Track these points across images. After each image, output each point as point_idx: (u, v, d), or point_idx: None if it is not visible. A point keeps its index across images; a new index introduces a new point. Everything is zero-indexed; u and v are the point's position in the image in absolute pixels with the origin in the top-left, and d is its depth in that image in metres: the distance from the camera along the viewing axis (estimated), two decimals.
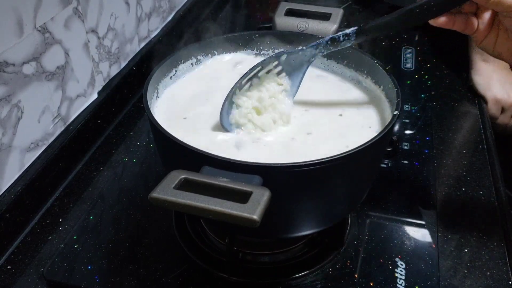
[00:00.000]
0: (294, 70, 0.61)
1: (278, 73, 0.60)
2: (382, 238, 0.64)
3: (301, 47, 0.60)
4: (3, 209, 0.62)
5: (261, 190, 0.41)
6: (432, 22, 0.54)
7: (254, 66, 0.59)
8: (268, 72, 0.60)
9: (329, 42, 0.58)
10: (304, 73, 0.61)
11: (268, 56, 0.61)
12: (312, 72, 0.69)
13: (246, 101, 0.59)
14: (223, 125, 0.57)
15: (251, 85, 0.60)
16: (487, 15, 0.54)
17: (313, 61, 0.60)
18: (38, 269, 0.61)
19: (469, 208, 0.69)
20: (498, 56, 0.57)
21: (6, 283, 0.60)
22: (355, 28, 0.57)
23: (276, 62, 0.60)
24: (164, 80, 0.63)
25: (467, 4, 0.53)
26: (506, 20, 0.53)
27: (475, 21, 0.55)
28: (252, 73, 0.59)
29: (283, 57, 0.60)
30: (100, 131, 0.82)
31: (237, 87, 0.59)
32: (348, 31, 0.57)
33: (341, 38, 0.57)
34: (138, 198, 0.70)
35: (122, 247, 0.63)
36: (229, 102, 0.58)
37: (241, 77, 0.59)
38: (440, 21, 0.54)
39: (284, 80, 0.61)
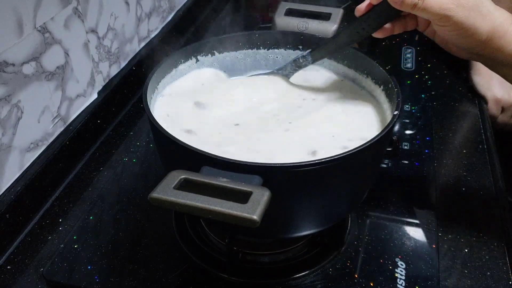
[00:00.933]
0: None
1: None
2: (382, 238, 0.64)
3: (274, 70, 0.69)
4: (3, 209, 0.62)
5: (261, 190, 0.41)
6: (376, 35, 0.58)
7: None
8: None
9: (293, 64, 0.67)
10: None
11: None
12: (312, 72, 0.69)
13: None
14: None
15: None
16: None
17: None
18: (38, 269, 0.61)
19: (469, 208, 0.69)
20: (440, 44, 0.60)
21: (6, 283, 0.60)
22: (309, 50, 0.65)
23: None
24: (164, 80, 0.63)
25: None
26: (436, 28, 0.55)
27: (414, 18, 0.58)
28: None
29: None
30: (100, 131, 0.82)
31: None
32: (304, 53, 0.66)
33: (301, 60, 0.66)
34: (138, 198, 0.70)
35: (122, 247, 0.63)
36: None
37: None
38: (380, 34, 0.58)
39: None
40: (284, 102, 0.64)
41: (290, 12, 0.72)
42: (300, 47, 0.68)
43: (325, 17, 0.71)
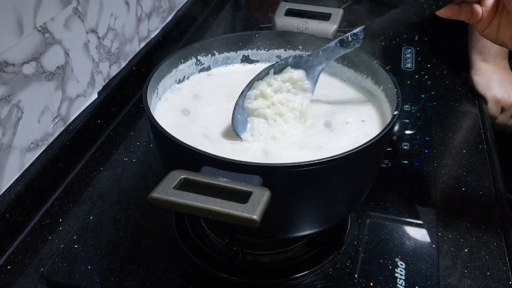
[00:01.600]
0: (306, 72, 0.61)
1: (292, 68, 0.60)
2: (382, 238, 0.64)
3: (310, 52, 0.60)
4: (3, 209, 0.62)
5: (261, 190, 0.41)
6: (439, 13, 0.54)
7: (265, 68, 0.59)
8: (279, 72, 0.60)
9: (338, 44, 0.58)
10: (316, 78, 0.61)
11: (278, 61, 0.60)
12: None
13: (261, 102, 0.58)
14: (235, 131, 0.56)
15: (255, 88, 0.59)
16: (490, 2, 0.54)
17: (325, 65, 0.60)
18: (38, 269, 0.61)
19: (469, 208, 0.69)
20: (502, 44, 0.56)
21: (6, 283, 0.60)
22: (363, 26, 0.57)
23: (287, 67, 0.60)
24: (164, 80, 0.63)
25: None
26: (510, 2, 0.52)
27: (479, 9, 0.55)
28: (264, 74, 0.59)
29: (294, 61, 0.60)
30: (100, 131, 0.82)
31: (249, 87, 0.58)
32: (355, 30, 0.57)
33: (350, 38, 0.57)
34: (138, 198, 0.70)
35: (122, 247, 0.63)
36: (240, 106, 0.57)
37: (253, 78, 0.58)
38: (447, 12, 0.54)
39: (298, 73, 0.60)
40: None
41: (290, 12, 0.72)
42: (300, 47, 0.68)
43: (325, 17, 0.71)
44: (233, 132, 0.56)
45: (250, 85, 0.58)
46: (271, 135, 0.57)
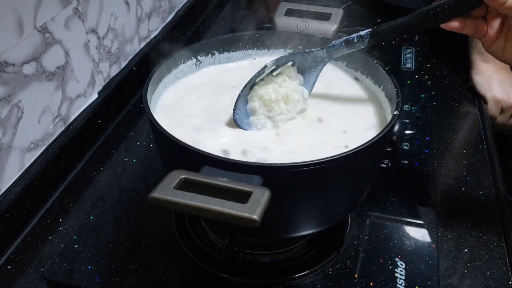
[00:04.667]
0: (307, 70, 0.61)
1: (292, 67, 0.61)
2: (382, 238, 0.64)
3: (314, 48, 0.60)
4: (3, 209, 0.62)
5: (261, 190, 0.41)
6: (443, 26, 0.54)
7: (267, 64, 0.59)
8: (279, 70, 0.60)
9: (343, 43, 0.59)
10: (318, 73, 0.61)
11: (282, 56, 0.60)
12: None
13: (262, 95, 0.59)
14: (236, 123, 0.57)
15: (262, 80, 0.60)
16: (497, 21, 0.54)
17: (327, 62, 0.61)
18: (38, 269, 0.61)
19: (469, 208, 0.69)
20: (506, 61, 0.56)
21: (6, 283, 0.60)
22: (369, 30, 0.57)
23: (290, 62, 0.60)
24: (164, 80, 0.63)
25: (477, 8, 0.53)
26: None
27: (484, 25, 0.54)
28: (266, 72, 0.59)
29: (297, 57, 0.60)
30: (100, 131, 0.82)
31: (250, 84, 0.59)
32: (362, 33, 0.57)
33: (355, 40, 0.58)
34: (138, 198, 0.70)
35: (122, 247, 0.63)
36: (243, 99, 0.58)
37: (254, 75, 0.59)
38: (451, 25, 0.54)
39: (295, 74, 0.61)
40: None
41: (290, 12, 0.73)
42: (300, 47, 0.69)
43: (325, 17, 0.71)
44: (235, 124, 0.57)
45: (251, 82, 0.58)
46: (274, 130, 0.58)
